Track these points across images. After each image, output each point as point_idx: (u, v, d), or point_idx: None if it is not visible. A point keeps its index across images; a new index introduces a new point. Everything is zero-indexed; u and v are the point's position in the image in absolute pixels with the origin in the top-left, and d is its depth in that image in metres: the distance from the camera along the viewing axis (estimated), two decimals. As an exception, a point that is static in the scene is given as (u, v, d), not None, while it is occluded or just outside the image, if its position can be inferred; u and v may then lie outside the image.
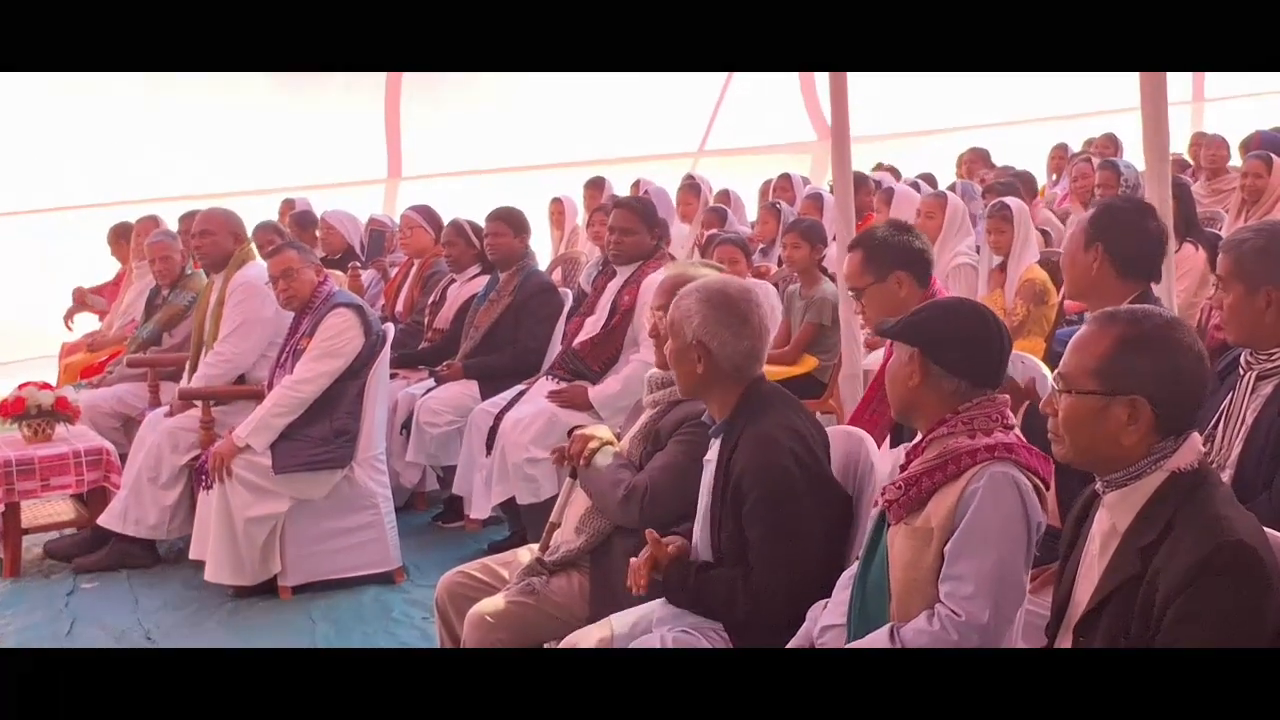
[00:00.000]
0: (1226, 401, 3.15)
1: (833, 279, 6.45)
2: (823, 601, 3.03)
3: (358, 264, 7.80)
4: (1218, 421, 3.14)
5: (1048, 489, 2.78)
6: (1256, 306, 3.10)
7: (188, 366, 6.30)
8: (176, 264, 7.13)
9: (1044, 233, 7.59)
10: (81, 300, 9.15)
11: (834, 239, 6.71)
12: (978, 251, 6.97)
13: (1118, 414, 2.26)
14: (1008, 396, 2.91)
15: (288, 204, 9.97)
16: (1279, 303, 3.07)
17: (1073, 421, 2.31)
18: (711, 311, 3.31)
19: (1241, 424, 3.10)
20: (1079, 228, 3.77)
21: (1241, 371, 3.16)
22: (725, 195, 9.73)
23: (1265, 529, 2.25)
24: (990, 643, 2.63)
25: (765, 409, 3.27)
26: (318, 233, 8.32)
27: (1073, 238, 3.77)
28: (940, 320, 2.85)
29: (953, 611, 2.63)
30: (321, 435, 5.42)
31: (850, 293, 4.14)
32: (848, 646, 2.82)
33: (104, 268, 9.63)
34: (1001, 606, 2.63)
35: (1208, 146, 9.50)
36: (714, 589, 3.21)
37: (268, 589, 5.51)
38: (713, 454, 3.32)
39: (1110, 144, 10.58)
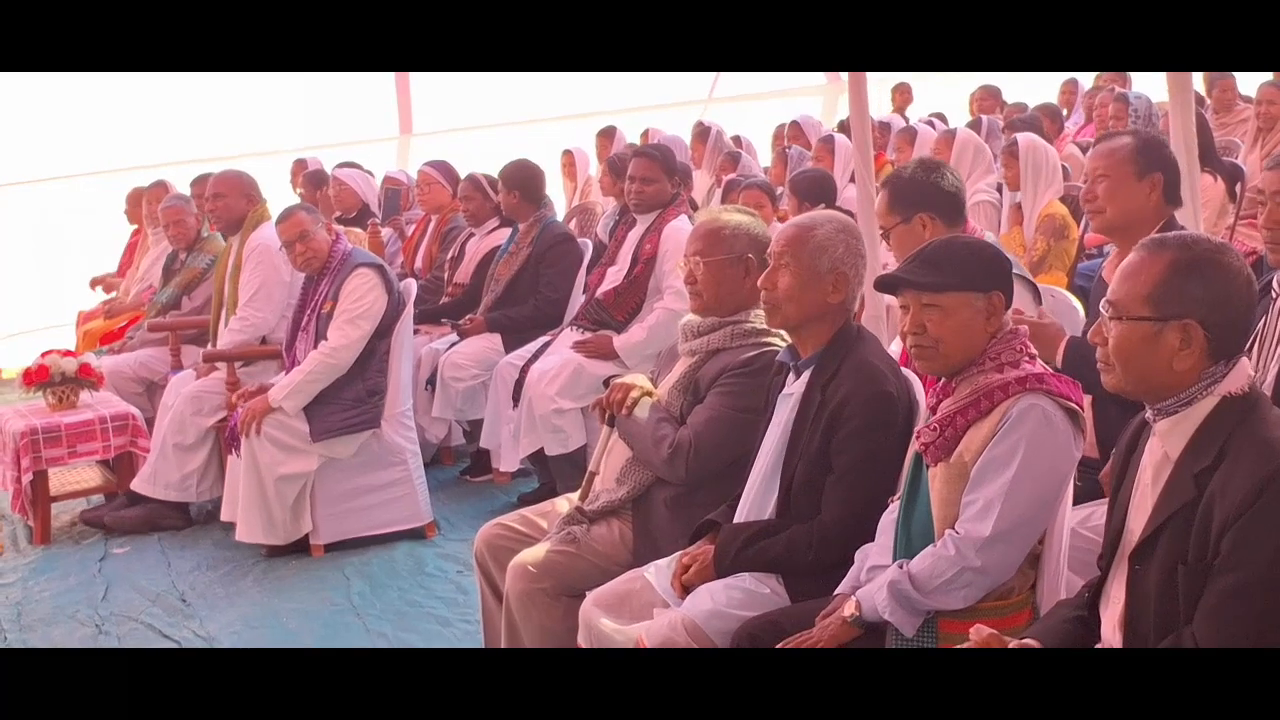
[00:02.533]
0: (1261, 325, 3.13)
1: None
2: (869, 545, 3.03)
3: (376, 220, 7.77)
4: (1252, 345, 3.13)
5: (1081, 410, 2.79)
6: None
7: (211, 329, 6.32)
8: (191, 227, 7.12)
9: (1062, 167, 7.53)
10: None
11: (851, 180, 6.67)
12: (999, 190, 6.93)
13: (1170, 340, 2.25)
14: (1025, 328, 2.92)
15: (300, 164, 9.92)
16: None
17: (1124, 349, 2.29)
18: (854, 242, 3.32)
19: (1277, 347, 3.08)
20: (1125, 156, 3.70)
21: (1274, 295, 3.15)
22: (737, 140, 9.67)
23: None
24: (990, 561, 2.66)
25: (861, 342, 3.30)
26: (330, 192, 8.27)
27: (1119, 165, 3.70)
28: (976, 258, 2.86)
29: (954, 529, 2.69)
30: (355, 396, 5.42)
31: (880, 232, 4.10)
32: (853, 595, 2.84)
33: (114, 234, 9.64)
34: (1008, 527, 2.65)
35: (1218, 85, 9.42)
36: (769, 553, 3.18)
37: (299, 548, 5.54)
38: (795, 388, 3.30)
39: (1116, 76, 10.49)
